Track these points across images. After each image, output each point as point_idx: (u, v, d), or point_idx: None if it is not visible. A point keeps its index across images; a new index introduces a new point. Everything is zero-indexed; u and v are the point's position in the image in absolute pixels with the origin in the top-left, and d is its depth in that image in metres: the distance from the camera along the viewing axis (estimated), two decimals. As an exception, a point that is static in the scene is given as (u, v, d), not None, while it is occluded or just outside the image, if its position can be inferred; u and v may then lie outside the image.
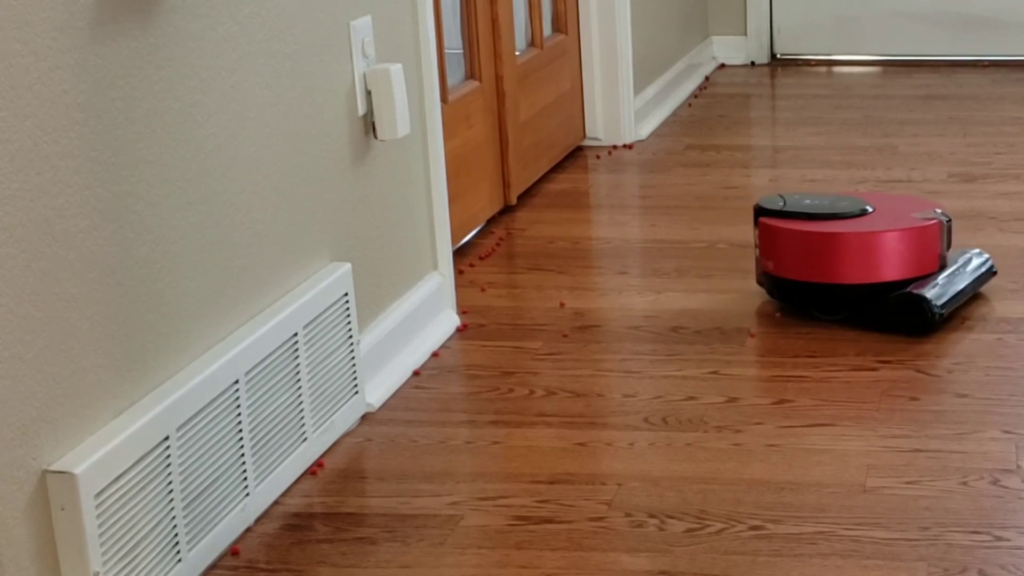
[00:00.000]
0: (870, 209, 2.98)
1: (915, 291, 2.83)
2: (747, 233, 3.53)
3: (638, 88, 4.53)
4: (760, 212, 3.01)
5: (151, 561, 1.93)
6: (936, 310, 2.82)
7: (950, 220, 2.98)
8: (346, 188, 2.55)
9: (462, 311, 3.03)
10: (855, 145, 4.33)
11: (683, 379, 2.67)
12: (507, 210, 3.76)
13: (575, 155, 4.32)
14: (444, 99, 3.26)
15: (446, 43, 3.37)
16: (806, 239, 2.90)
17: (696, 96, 5.11)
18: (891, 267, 2.88)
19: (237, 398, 2.13)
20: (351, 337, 2.49)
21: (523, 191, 3.88)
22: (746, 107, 5.04)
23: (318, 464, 2.39)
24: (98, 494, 1.80)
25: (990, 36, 5.45)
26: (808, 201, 3.02)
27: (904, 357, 2.72)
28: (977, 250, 3.07)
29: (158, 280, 1.99)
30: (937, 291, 2.86)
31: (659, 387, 2.65)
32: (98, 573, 1.80)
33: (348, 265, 2.49)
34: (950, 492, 2.22)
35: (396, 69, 2.62)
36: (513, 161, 3.77)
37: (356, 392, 2.53)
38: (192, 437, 2.02)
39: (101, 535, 1.81)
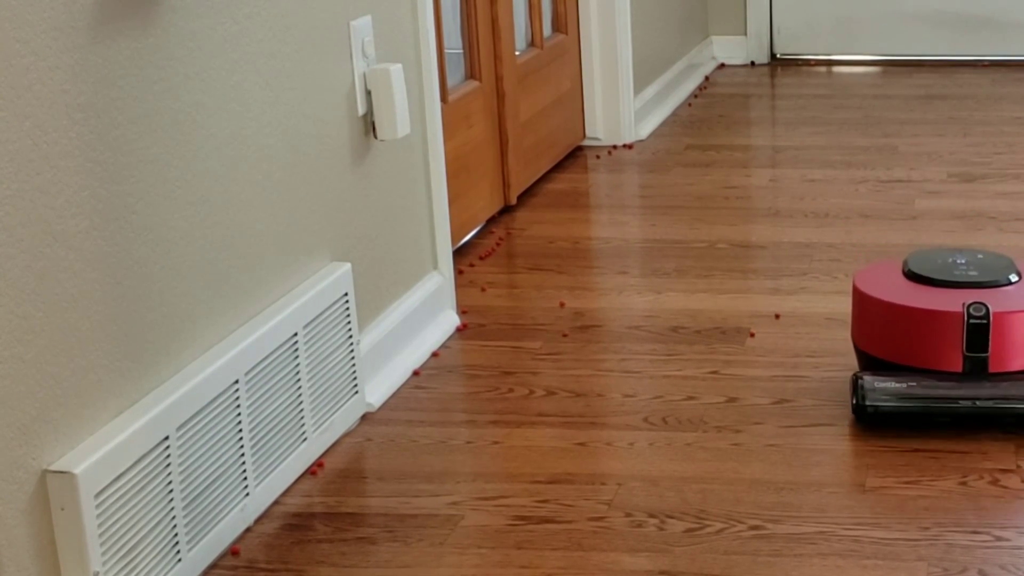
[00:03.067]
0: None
1: (861, 373, 2.47)
2: (747, 233, 3.54)
3: (638, 88, 4.53)
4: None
5: (151, 561, 1.93)
6: (867, 401, 2.42)
7: None
8: (346, 188, 2.55)
9: (462, 311, 3.03)
10: (855, 145, 4.33)
11: (683, 379, 2.67)
12: (507, 210, 3.76)
13: (575, 155, 4.32)
14: (444, 99, 3.26)
15: (446, 43, 3.37)
16: None
17: (696, 96, 5.11)
18: None
19: (237, 398, 2.13)
20: (351, 337, 2.49)
21: (523, 191, 3.88)
22: (746, 107, 5.04)
23: (318, 464, 2.39)
24: (98, 494, 1.80)
25: (990, 36, 5.45)
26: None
27: (904, 357, 2.72)
28: None
29: (158, 280, 1.99)
30: (892, 385, 2.43)
31: (659, 387, 2.65)
32: (98, 573, 1.80)
33: (348, 265, 2.49)
34: (950, 492, 2.22)
35: (396, 69, 2.62)
36: (513, 161, 3.77)
37: (356, 392, 2.53)
38: (192, 437, 2.02)
39: (101, 535, 1.81)
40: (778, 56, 5.68)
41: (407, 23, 2.78)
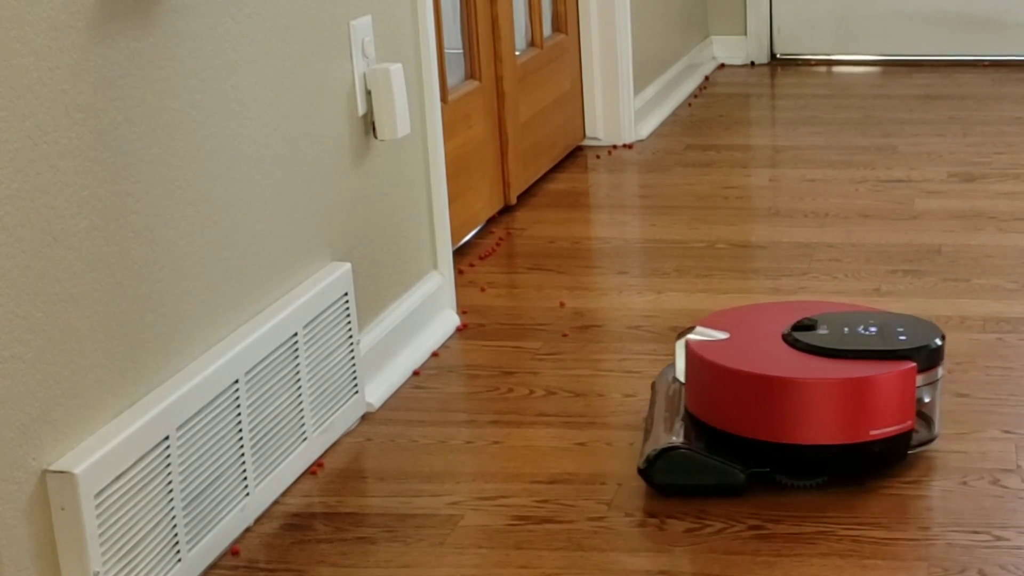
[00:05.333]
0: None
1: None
2: (747, 233, 3.54)
3: (638, 88, 4.53)
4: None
5: (151, 561, 1.93)
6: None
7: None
8: (346, 188, 2.55)
9: (462, 311, 3.03)
10: (855, 145, 4.33)
11: (683, 379, 2.67)
12: (507, 210, 3.76)
13: (575, 155, 4.32)
14: (444, 99, 3.26)
15: (446, 43, 3.37)
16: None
17: (696, 96, 5.11)
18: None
19: (237, 398, 2.13)
20: (351, 337, 2.49)
21: (523, 191, 3.88)
22: (746, 107, 5.05)
23: (318, 464, 2.39)
24: (98, 494, 1.80)
25: (990, 36, 5.45)
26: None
27: (904, 357, 2.72)
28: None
29: (158, 280, 1.99)
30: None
31: (659, 387, 2.65)
32: (98, 573, 1.80)
33: (348, 265, 2.49)
34: (950, 492, 2.22)
35: (396, 69, 2.62)
36: (513, 161, 3.77)
37: (356, 392, 2.53)
38: (192, 437, 2.02)
39: (101, 535, 1.81)
40: (778, 56, 5.68)
41: (407, 23, 2.78)
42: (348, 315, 2.48)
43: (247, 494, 2.17)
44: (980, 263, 3.22)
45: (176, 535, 1.98)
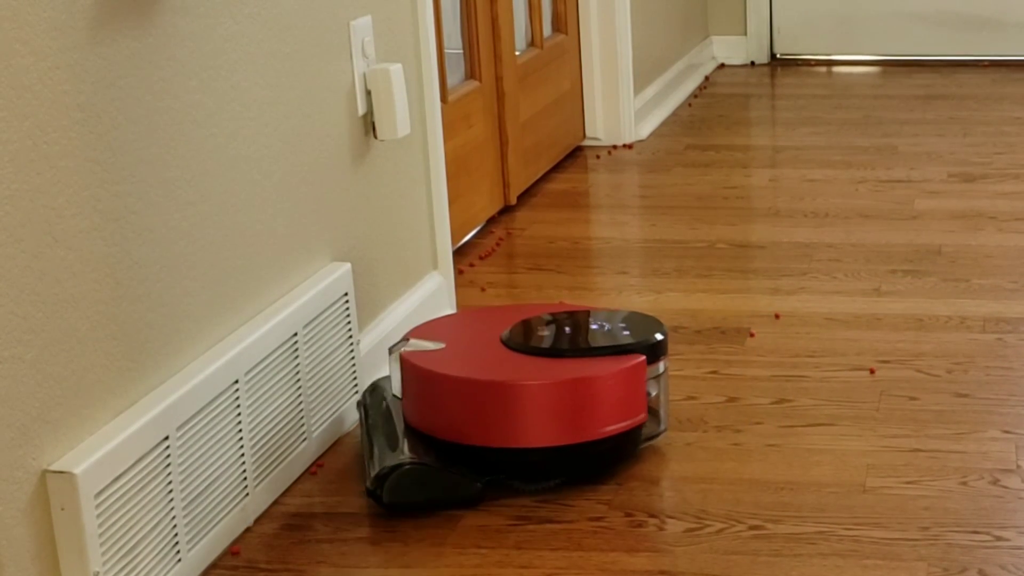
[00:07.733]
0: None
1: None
2: (747, 233, 3.54)
3: (638, 88, 4.53)
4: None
5: (151, 561, 1.93)
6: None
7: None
8: (346, 188, 2.55)
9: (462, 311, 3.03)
10: (855, 145, 4.33)
11: (683, 379, 2.67)
12: (507, 210, 3.76)
13: (575, 155, 4.32)
14: (444, 99, 3.26)
15: (446, 43, 3.37)
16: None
17: (696, 96, 5.11)
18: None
19: (237, 398, 2.13)
20: (351, 337, 2.49)
21: (523, 191, 3.88)
22: (746, 107, 5.04)
23: (318, 464, 2.39)
24: (98, 494, 1.80)
25: (990, 36, 5.45)
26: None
27: (904, 357, 2.72)
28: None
29: (158, 280, 1.99)
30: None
31: (659, 387, 2.65)
32: (98, 573, 1.80)
33: (348, 265, 2.49)
34: (950, 492, 2.22)
35: (396, 69, 2.62)
36: (513, 161, 3.77)
37: (356, 392, 2.52)
38: (192, 437, 2.02)
39: (101, 535, 1.81)
40: (778, 56, 5.68)
41: (407, 23, 2.78)
42: (348, 315, 2.48)
43: (247, 494, 2.17)
44: (980, 263, 3.23)
45: (176, 535, 1.98)
